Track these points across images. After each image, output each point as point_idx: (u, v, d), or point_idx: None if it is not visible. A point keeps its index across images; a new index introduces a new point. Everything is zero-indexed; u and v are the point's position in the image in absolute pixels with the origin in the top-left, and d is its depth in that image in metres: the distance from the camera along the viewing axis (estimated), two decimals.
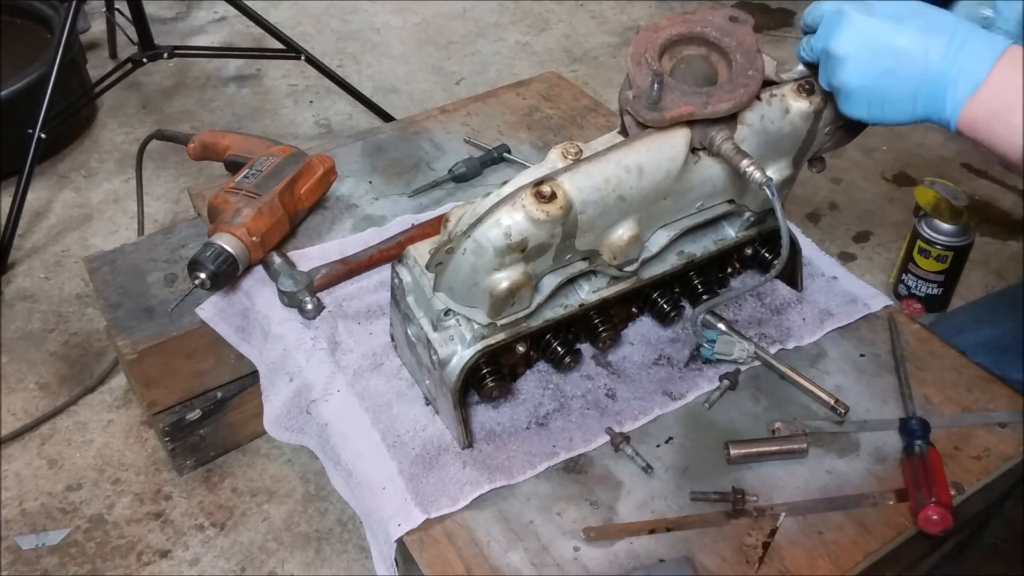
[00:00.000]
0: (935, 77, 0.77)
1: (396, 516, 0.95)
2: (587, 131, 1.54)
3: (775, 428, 1.03)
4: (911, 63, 0.78)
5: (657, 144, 0.91)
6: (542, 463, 1.00)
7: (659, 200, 0.95)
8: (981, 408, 1.05)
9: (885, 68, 0.79)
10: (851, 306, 1.18)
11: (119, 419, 1.60)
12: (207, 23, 2.79)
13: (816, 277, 1.22)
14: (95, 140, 2.31)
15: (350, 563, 1.39)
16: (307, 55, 2.16)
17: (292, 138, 2.28)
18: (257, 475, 1.51)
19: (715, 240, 1.08)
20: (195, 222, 1.45)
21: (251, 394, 1.43)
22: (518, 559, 0.91)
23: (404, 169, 1.46)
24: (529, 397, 1.07)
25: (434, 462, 1.00)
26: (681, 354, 1.12)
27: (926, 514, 0.90)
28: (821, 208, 2.06)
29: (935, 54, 0.77)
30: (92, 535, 1.43)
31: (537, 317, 0.98)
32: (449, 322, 0.95)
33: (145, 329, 1.28)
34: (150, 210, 2.02)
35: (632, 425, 1.04)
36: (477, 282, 0.89)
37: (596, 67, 2.59)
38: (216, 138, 1.43)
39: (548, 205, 0.85)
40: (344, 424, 1.05)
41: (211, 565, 1.39)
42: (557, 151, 0.91)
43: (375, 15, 2.85)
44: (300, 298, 1.17)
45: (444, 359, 0.95)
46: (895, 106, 0.81)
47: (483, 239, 0.86)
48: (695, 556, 0.91)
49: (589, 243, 0.93)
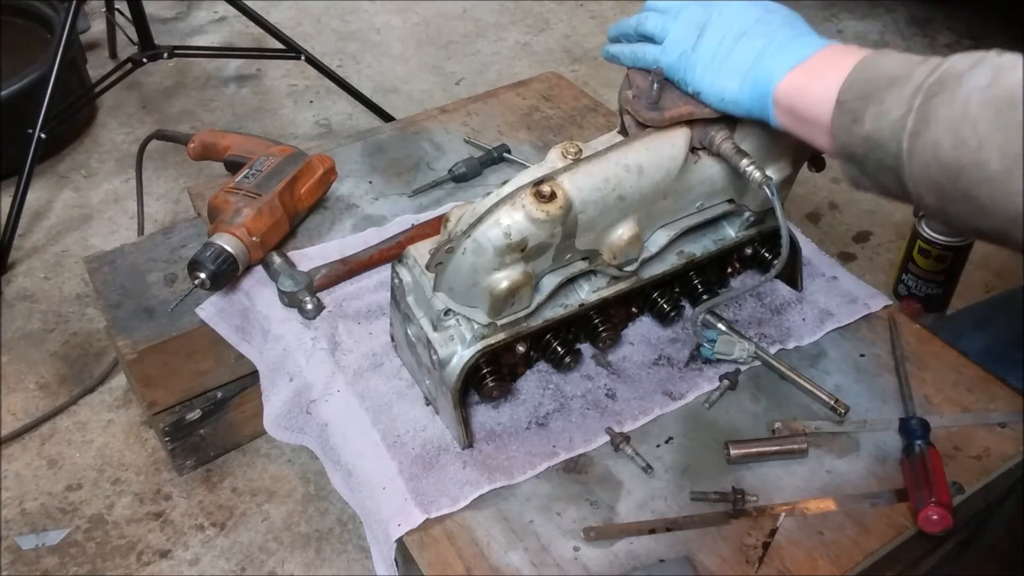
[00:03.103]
0: (775, 48, 0.84)
1: (396, 516, 0.94)
2: (587, 131, 1.54)
3: (775, 428, 1.03)
4: (758, 35, 0.86)
5: (657, 144, 0.92)
6: (542, 463, 1.00)
7: (659, 200, 0.95)
8: (981, 408, 1.05)
9: (738, 34, 0.86)
10: (851, 306, 1.18)
11: (119, 419, 1.60)
12: (207, 23, 2.79)
13: (816, 277, 1.22)
14: (95, 140, 2.31)
15: (350, 563, 1.39)
16: (307, 55, 2.16)
17: (292, 138, 2.28)
18: (257, 475, 1.51)
19: (715, 240, 1.08)
20: (195, 222, 1.45)
21: (251, 394, 1.43)
22: (518, 559, 0.91)
23: (404, 169, 1.46)
24: (529, 397, 1.07)
25: (434, 462, 1.00)
26: (681, 354, 1.12)
27: (926, 514, 0.90)
28: (821, 208, 2.06)
29: (778, 37, 0.85)
30: (92, 535, 1.43)
31: (537, 317, 0.98)
32: (449, 322, 0.95)
33: (145, 329, 1.28)
34: (150, 210, 2.02)
35: (632, 425, 1.04)
36: (477, 282, 0.89)
37: (596, 67, 2.59)
38: (216, 138, 1.43)
39: (548, 205, 0.85)
40: (344, 424, 1.05)
41: (211, 565, 1.39)
42: (557, 151, 0.91)
43: (375, 15, 2.85)
44: (300, 298, 1.17)
45: (444, 359, 0.95)
46: (729, 72, 0.87)
47: (483, 239, 0.86)
48: (695, 556, 0.91)
49: (589, 243, 0.93)
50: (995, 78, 0.69)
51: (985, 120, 0.69)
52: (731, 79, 0.86)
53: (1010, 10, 2.57)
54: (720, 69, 0.86)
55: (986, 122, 0.69)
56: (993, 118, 0.68)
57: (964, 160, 0.70)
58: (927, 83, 0.72)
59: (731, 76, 0.86)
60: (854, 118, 0.77)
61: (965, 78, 0.71)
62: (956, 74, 0.71)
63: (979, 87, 0.70)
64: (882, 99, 0.75)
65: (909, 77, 0.74)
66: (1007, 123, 0.68)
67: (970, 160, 0.70)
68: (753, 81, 0.84)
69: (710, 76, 0.87)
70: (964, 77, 0.71)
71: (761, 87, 0.84)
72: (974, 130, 0.69)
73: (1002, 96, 0.68)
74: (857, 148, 0.78)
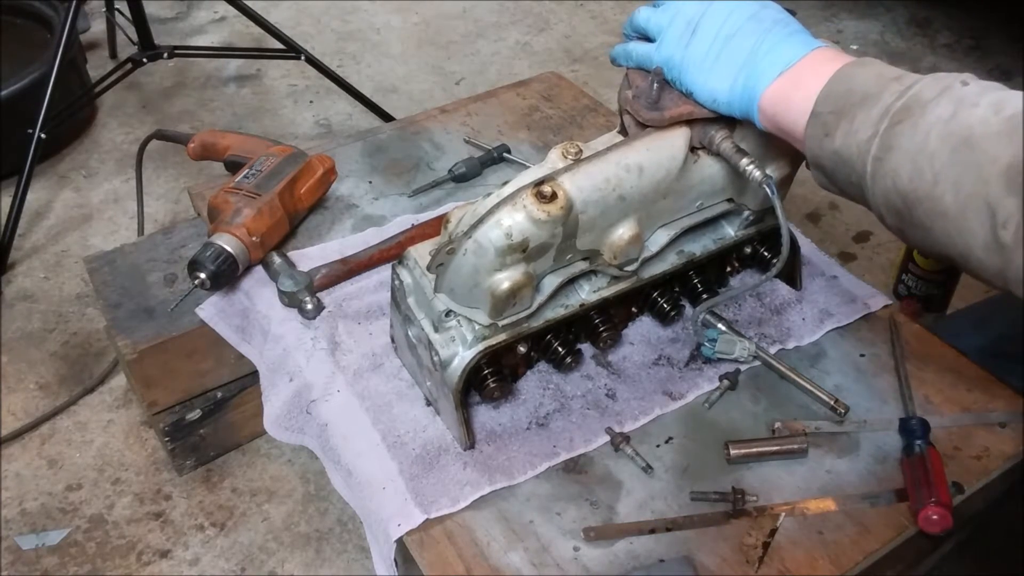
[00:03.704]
0: (765, 48, 0.84)
1: (396, 516, 0.94)
2: (587, 131, 1.54)
3: (775, 428, 1.03)
4: (749, 34, 0.85)
5: (657, 143, 0.92)
6: (543, 463, 1.00)
7: (659, 199, 0.95)
8: (981, 408, 1.05)
9: (730, 33, 0.86)
10: (851, 306, 1.17)
11: (119, 419, 1.60)
12: (207, 23, 2.79)
13: (816, 277, 1.22)
14: (95, 140, 2.31)
15: (350, 563, 1.39)
16: (307, 55, 2.16)
17: (292, 138, 2.28)
18: (257, 475, 1.51)
19: (714, 239, 1.08)
20: (195, 222, 1.45)
21: (251, 394, 1.43)
22: (518, 559, 0.91)
23: (404, 169, 1.46)
24: (529, 397, 1.07)
25: (434, 462, 1.00)
26: (681, 354, 1.12)
27: (926, 514, 0.90)
28: (821, 208, 2.06)
29: (769, 38, 0.85)
30: (92, 535, 1.43)
31: (538, 317, 0.98)
32: (450, 323, 0.95)
33: (145, 329, 1.28)
34: (150, 210, 2.02)
35: (632, 425, 1.04)
36: (478, 283, 0.89)
37: (596, 67, 2.59)
38: (216, 138, 1.43)
39: (549, 205, 0.85)
40: (344, 424, 1.05)
41: (211, 565, 1.39)
42: (557, 151, 0.91)
43: (375, 15, 2.85)
44: (300, 298, 1.17)
45: (446, 360, 0.95)
46: (720, 73, 0.86)
47: (484, 240, 0.86)
48: (695, 556, 0.91)
49: (589, 243, 0.93)
50: (955, 112, 0.71)
51: (941, 156, 0.70)
52: (722, 80, 0.86)
53: (1010, 10, 2.57)
54: (712, 70, 0.86)
55: (942, 158, 0.70)
56: (949, 155, 0.70)
57: (920, 192, 0.72)
58: (894, 108, 0.74)
59: (722, 77, 0.86)
60: (825, 132, 0.78)
61: (929, 108, 0.72)
62: (921, 103, 0.73)
63: (940, 120, 0.71)
64: (853, 117, 0.76)
65: (879, 97, 0.75)
66: (962, 161, 0.69)
67: (925, 193, 0.71)
68: (743, 86, 0.84)
69: (702, 77, 0.87)
70: (928, 107, 0.72)
71: (749, 92, 0.84)
72: (931, 164, 0.71)
73: (958, 133, 0.70)
74: (826, 161, 0.79)
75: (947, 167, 0.70)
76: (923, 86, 0.74)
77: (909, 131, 0.72)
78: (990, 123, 0.68)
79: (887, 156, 0.73)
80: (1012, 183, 0.66)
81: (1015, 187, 0.66)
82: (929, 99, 0.72)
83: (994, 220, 0.67)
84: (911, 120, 0.72)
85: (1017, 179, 0.66)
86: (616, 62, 0.98)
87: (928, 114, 0.72)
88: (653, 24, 0.92)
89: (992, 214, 0.67)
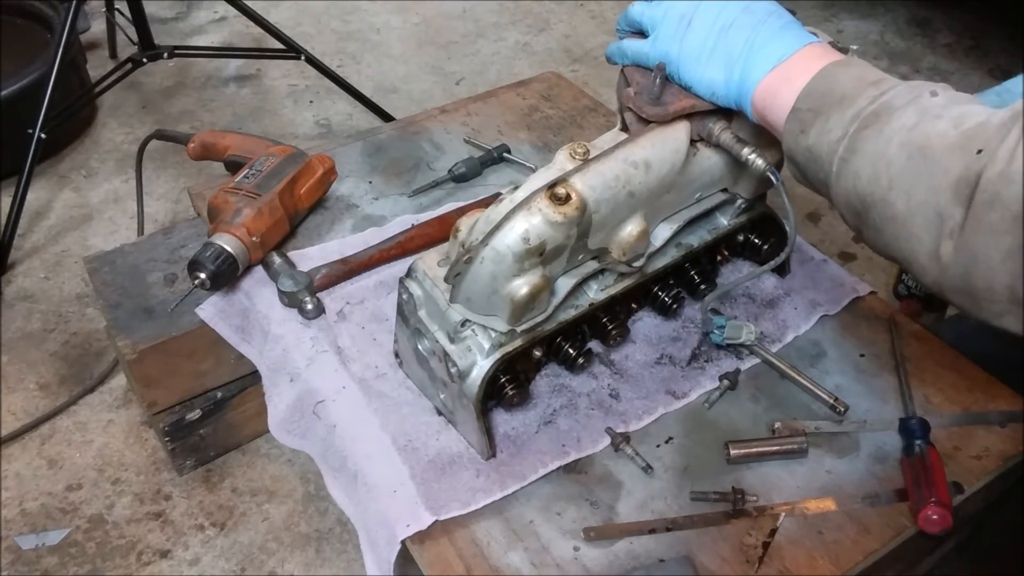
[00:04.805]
0: (760, 41, 0.85)
1: (404, 517, 0.94)
2: (587, 131, 1.54)
3: (775, 428, 1.03)
4: (743, 26, 0.86)
5: (661, 138, 0.93)
6: (553, 462, 0.99)
7: (664, 193, 0.96)
8: (981, 408, 1.05)
9: (724, 25, 0.87)
10: (839, 290, 1.20)
11: (119, 419, 1.60)
12: (207, 23, 2.79)
13: (801, 264, 1.24)
14: (95, 140, 2.31)
15: (350, 563, 1.39)
16: (307, 55, 2.16)
17: (292, 138, 2.28)
18: (257, 475, 1.51)
19: (709, 230, 1.10)
20: (195, 222, 1.45)
21: (251, 394, 1.43)
22: (518, 559, 0.91)
23: (404, 169, 1.46)
24: (539, 400, 1.07)
25: (447, 468, 0.99)
26: (683, 353, 1.12)
27: (926, 514, 0.90)
28: (821, 208, 2.06)
29: (763, 30, 0.86)
30: (92, 535, 1.43)
31: (552, 320, 0.98)
32: (465, 333, 0.95)
33: (145, 329, 1.28)
34: (150, 210, 2.02)
35: (637, 424, 1.04)
36: (496, 289, 0.89)
37: (596, 67, 2.59)
38: (216, 138, 1.43)
39: (564, 207, 0.85)
40: (352, 427, 1.04)
41: (211, 565, 1.39)
42: (565, 152, 0.91)
43: (375, 15, 2.85)
44: (300, 298, 1.17)
45: (464, 370, 0.94)
46: (716, 66, 0.87)
47: (501, 246, 0.86)
48: (695, 556, 0.91)
49: (600, 241, 0.94)
50: (918, 122, 0.72)
51: (898, 163, 0.72)
52: (719, 73, 0.87)
53: (1010, 10, 2.57)
54: (708, 63, 0.88)
55: (899, 165, 0.72)
56: (905, 162, 0.72)
57: (876, 196, 0.74)
58: (865, 112, 0.75)
59: (718, 70, 0.87)
60: (802, 128, 0.80)
61: (895, 115, 0.74)
62: (890, 109, 0.74)
63: (903, 128, 0.73)
64: (828, 116, 0.78)
65: (854, 100, 0.77)
66: (916, 170, 0.71)
67: (880, 197, 0.74)
68: (739, 79, 0.86)
69: (699, 70, 0.88)
70: (895, 114, 0.74)
71: (744, 85, 0.85)
72: (888, 169, 0.73)
73: (916, 143, 0.71)
74: (799, 156, 0.81)
75: (902, 174, 0.72)
76: (896, 93, 0.76)
77: (874, 136, 0.74)
78: (948, 136, 0.70)
79: (851, 158, 0.76)
80: (960, 196, 0.68)
81: (962, 200, 0.68)
82: (898, 107, 0.74)
83: (941, 229, 0.69)
84: (877, 126, 0.74)
85: (965, 192, 0.67)
86: (612, 60, 0.99)
87: (893, 121, 0.73)
88: (647, 19, 0.93)
89: (940, 223, 0.70)
